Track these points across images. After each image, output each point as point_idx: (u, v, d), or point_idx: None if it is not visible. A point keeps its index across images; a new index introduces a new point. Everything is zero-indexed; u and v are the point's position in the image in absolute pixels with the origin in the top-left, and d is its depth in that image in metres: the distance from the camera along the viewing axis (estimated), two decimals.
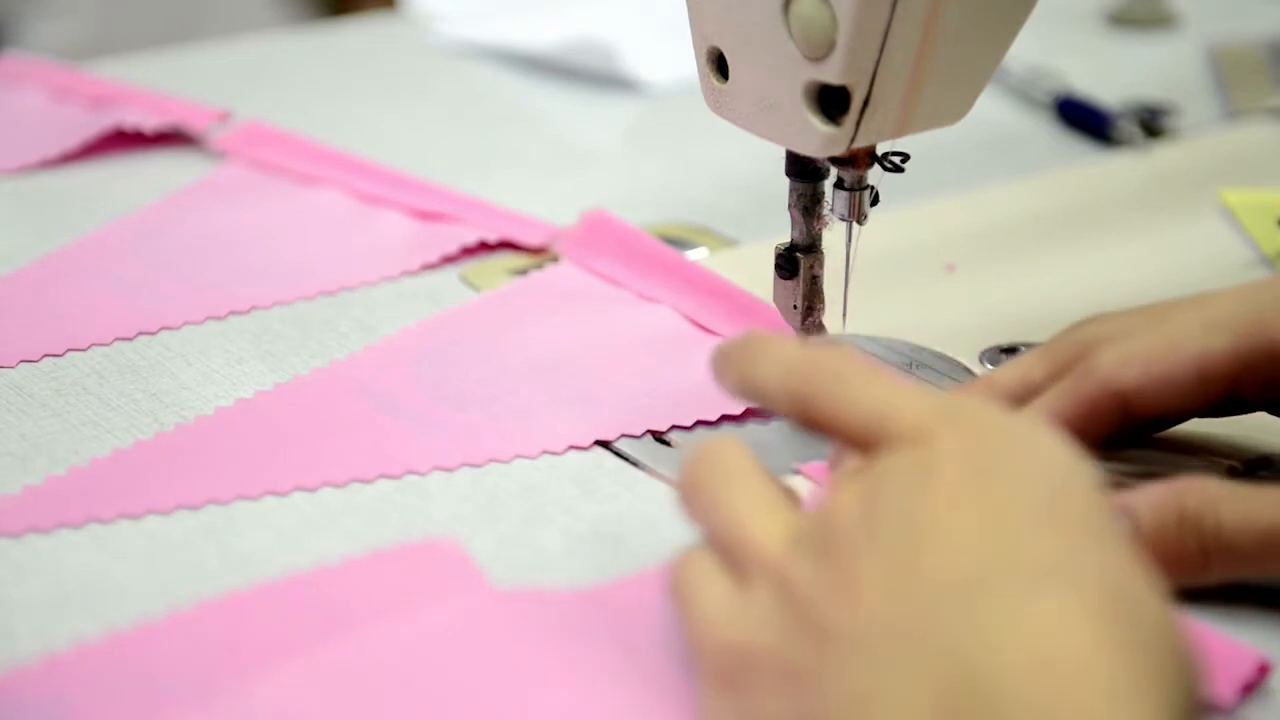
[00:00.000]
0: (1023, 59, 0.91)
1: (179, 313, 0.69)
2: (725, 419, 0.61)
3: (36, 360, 0.66)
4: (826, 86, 0.57)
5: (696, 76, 0.61)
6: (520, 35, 1.00)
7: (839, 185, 0.60)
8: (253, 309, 0.70)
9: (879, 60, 0.55)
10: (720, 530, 0.47)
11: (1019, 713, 0.39)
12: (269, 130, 0.85)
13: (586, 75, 0.96)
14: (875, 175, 0.60)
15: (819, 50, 0.56)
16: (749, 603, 0.45)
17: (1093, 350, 0.56)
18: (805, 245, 0.62)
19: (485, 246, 0.75)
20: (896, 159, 0.60)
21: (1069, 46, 1.00)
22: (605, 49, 0.95)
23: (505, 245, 0.75)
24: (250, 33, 1.00)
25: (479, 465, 0.59)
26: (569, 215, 0.76)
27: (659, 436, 0.61)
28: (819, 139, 0.57)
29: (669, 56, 0.94)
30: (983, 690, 0.40)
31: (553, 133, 0.93)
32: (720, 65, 0.60)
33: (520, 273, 0.73)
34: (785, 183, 0.62)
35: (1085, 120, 0.89)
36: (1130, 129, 0.87)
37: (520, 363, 0.65)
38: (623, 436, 0.61)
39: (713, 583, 0.47)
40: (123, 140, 0.86)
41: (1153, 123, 0.88)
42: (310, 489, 0.58)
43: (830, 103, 0.57)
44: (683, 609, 0.47)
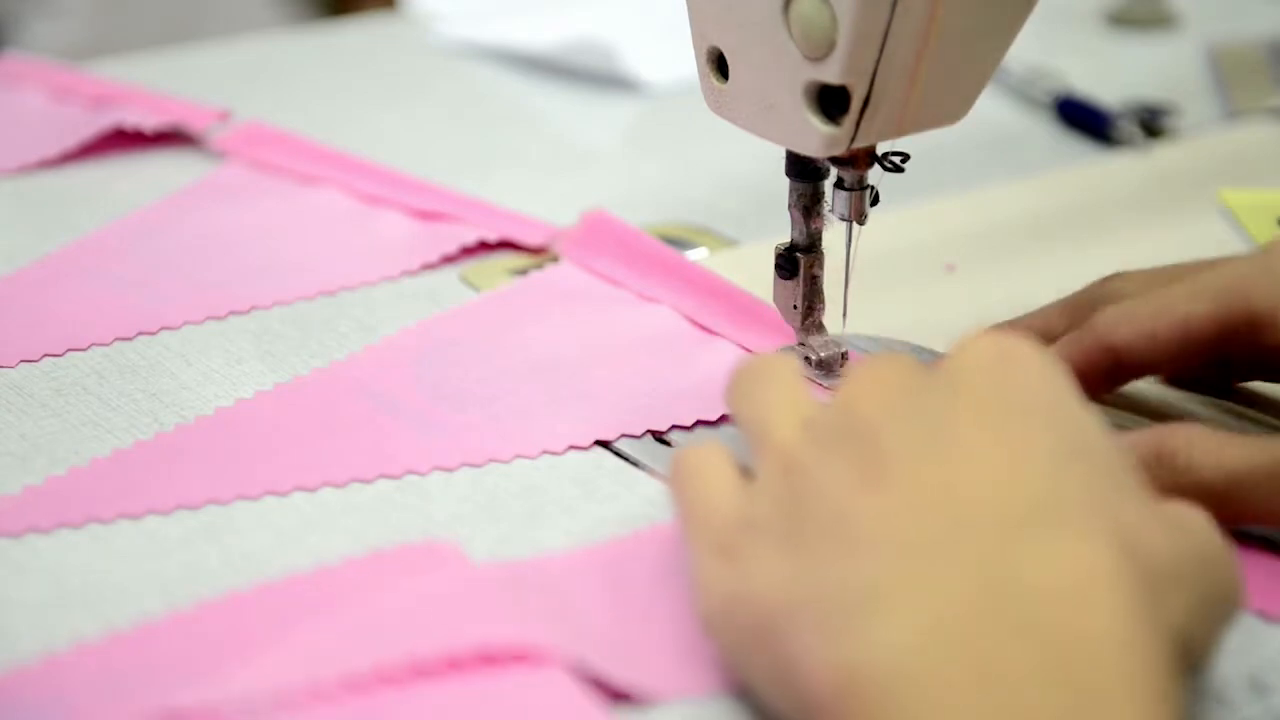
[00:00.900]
0: (1023, 59, 0.91)
1: (178, 312, 0.69)
2: (725, 419, 0.61)
3: (36, 360, 0.66)
4: (826, 86, 0.57)
5: (696, 76, 0.61)
6: (520, 35, 1.00)
7: (839, 185, 0.60)
8: (253, 309, 0.70)
9: (879, 60, 0.55)
10: (747, 420, 0.50)
11: (1043, 625, 0.42)
12: (269, 130, 0.85)
13: (586, 75, 0.96)
14: (875, 175, 0.60)
15: (819, 50, 0.56)
16: (756, 482, 0.48)
17: (1101, 306, 0.59)
18: (805, 245, 0.62)
19: (485, 246, 0.75)
20: (896, 159, 0.60)
21: (1069, 46, 1.00)
22: (605, 49, 0.95)
23: (505, 245, 0.75)
24: (250, 33, 0.99)
25: (479, 465, 0.59)
26: (569, 215, 0.76)
27: (659, 436, 0.61)
28: (819, 139, 0.57)
29: (669, 56, 0.94)
30: (1009, 600, 0.42)
31: (553, 133, 0.93)
32: (720, 65, 0.60)
33: (520, 273, 0.73)
34: (785, 183, 0.62)
35: (1085, 120, 0.89)
36: (1130, 129, 0.87)
37: (520, 362, 0.65)
38: (623, 436, 0.61)
39: (720, 465, 0.50)
40: (123, 140, 0.86)
41: (1153, 123, 0.88)
42: (310, 489, 0.58)
43: (830, 103, 0.57)
44: (685, 488, 0.50)
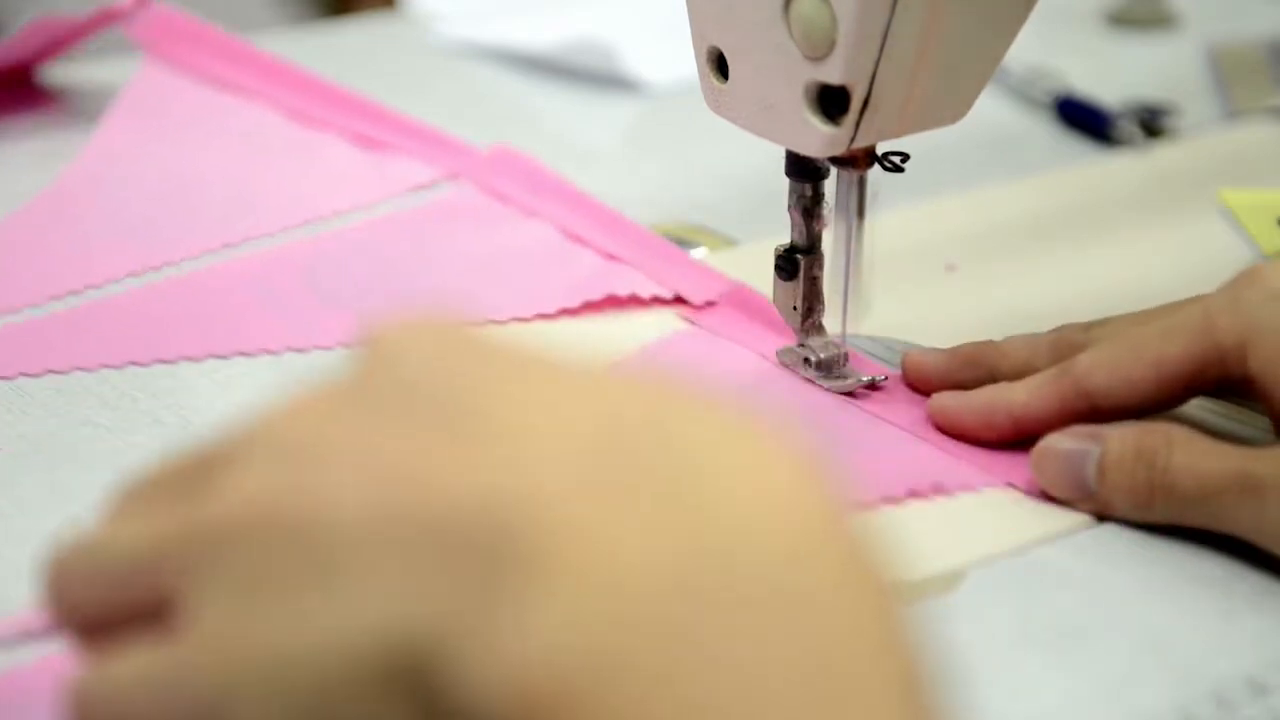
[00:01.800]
0: (1023, 59, 0.91)
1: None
2: (593, 306, 0.69)
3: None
4: (826, 86, 0.57)
5: (696, 76, 0.61)
6: (520, 35, 1.00)
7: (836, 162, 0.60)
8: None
9: (879, 60, 0.55)
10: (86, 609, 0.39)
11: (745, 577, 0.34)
12: (184, 22, 0.90)
13: (586, 75, 0.96)
14: (875, 175, 0.60)
15: (819, 50, 0.56)
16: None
17: (1079, 350, 0.59)
18: (805, 246, 0.62)
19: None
20: (896, 159, 0.60)
21: (1069, 46, 1.00)
22: (605, 49, 0.95)
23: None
24: (250, 33, 0.99)
25: (328, 348, 0.66)
26: None
27: None
28: (819, 139, 0.57)
29: (669, 56, 0.94)
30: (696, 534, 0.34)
31: (553, 133, 0.93)
32: (720, 65, 0.60)
33: None
34: (785, 183, 0.62)
35: (1085, 120, 0.89)
36: (1130, 129, 0.87)
37: (398, 267, 0.72)
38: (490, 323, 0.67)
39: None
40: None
41: (1153, 123, 0.88)
42: (197, 358, 0.65)
43: (830, 103, 0.57)
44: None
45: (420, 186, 0.81)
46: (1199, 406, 0.60)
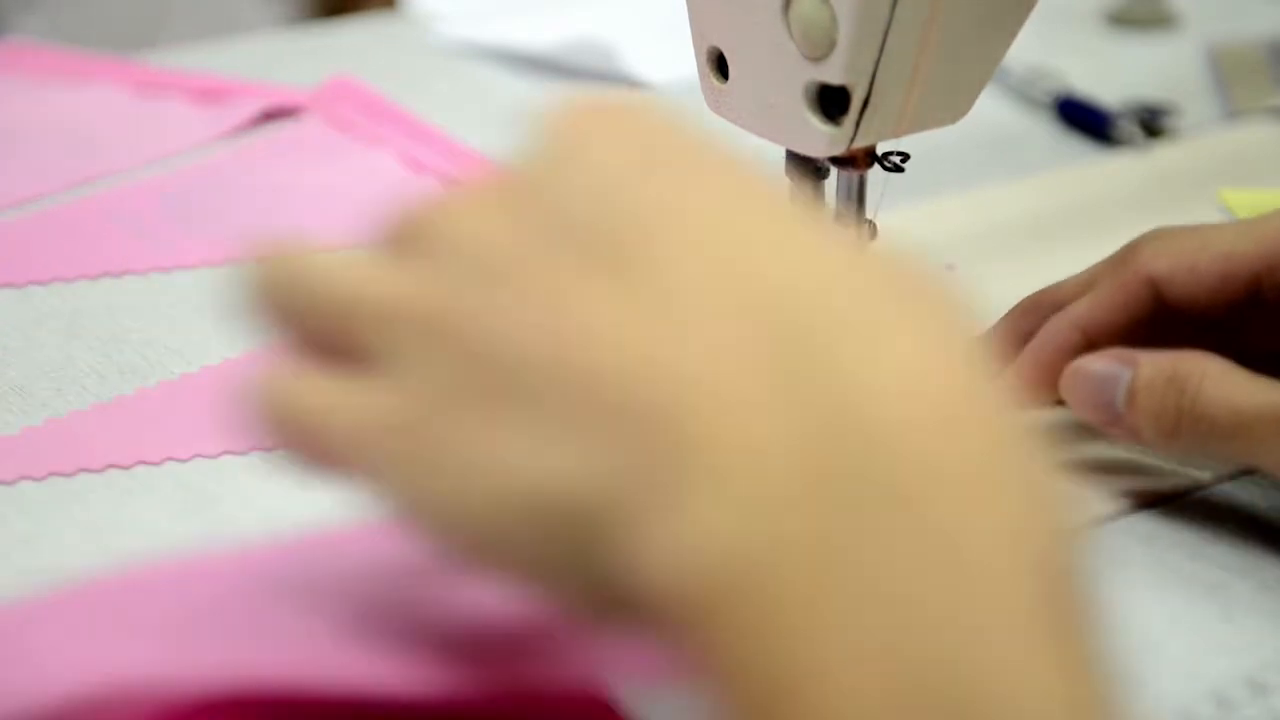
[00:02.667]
0: (1023, 59, 0.91)
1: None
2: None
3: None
4: (826, 86, 0.57)
5: (696, 76, 0.61)
6: (520, 35, 1.00)
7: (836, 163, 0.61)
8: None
9: (879, 60, 0.55)
10: (314, 319, 0.39)
11: (891, 455, 0.35)
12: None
13: (586, 75, 0.96)
14: (876, 175, 0.60)
15: (819, 50, 0.56)
16: (393, 374, 0.38)
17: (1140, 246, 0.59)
18: None
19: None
20: (896, 159, 0.60)
21: (1069, 46, 1.00)
22: (605, 49, 0.95)
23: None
24: (249, 32, 0.99)
25: (189, 267, 0.70)
26: None
27: None
28: (819, 139, 0.57)
29: (669, 56, 0.94)
30: (849, 430, 0.35)
31: None
32: (720, 65, 0.60)
33: None
34: (785, 183, 0.62)
35: (1085, 120, 0.89)
36: (1130, 129, 0.87)
37: (251, 195, 0.76)
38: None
39: (332, 388, 0.39)
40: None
41: (1153, 123, 0.88)
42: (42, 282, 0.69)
43: (830, 103, 0.57)
44: (311, 435, 0.39)
45: (265, 121, 0.88)
46: None
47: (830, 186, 0.61)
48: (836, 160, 0.60)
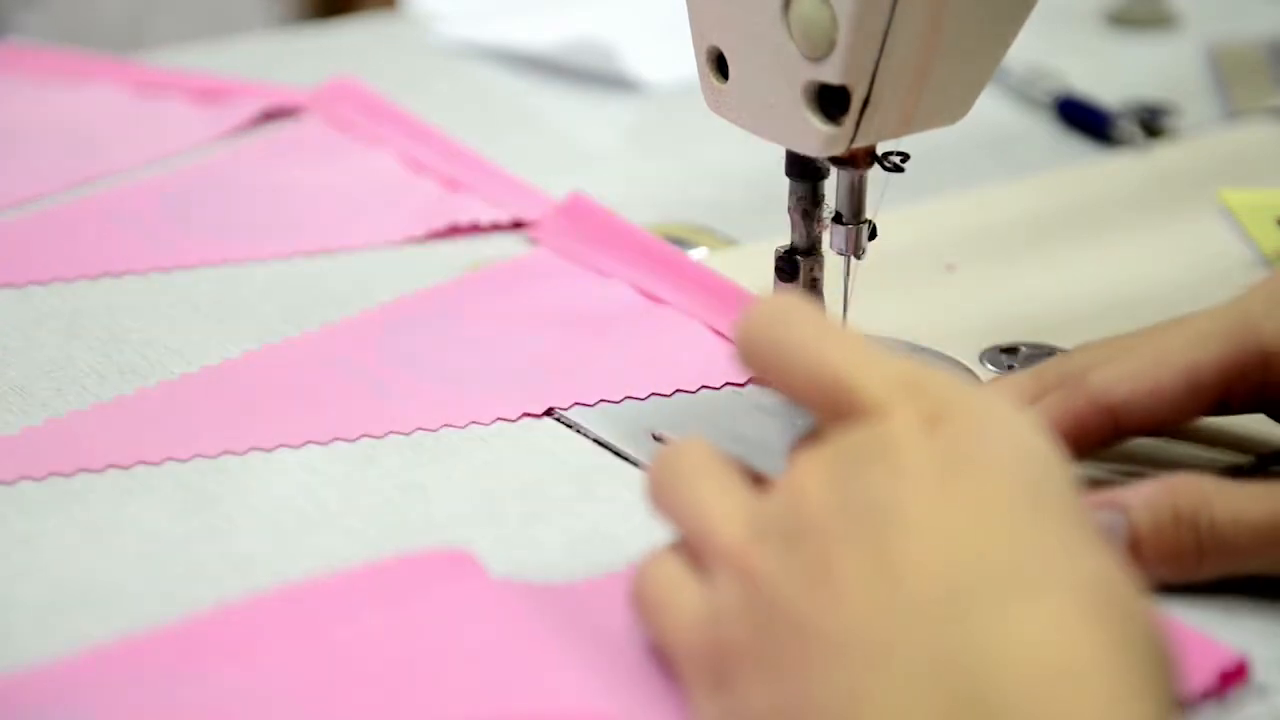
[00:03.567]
0: (1023, 59, 0.91)
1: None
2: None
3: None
4: (826, 86, 0.57)
5: (696, 76, 0.61)
6: (520, 35, 1.00)
7: (837, 220, 0.61)
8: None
9: (879, 60, 0.55)
10: (685, 524, 0.48)
11: (1019, 711, 0.39)
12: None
13: (586, 75, 0.96)
14: (876, 175, 0.60)
15: (819, 50, 0.56)
16: (716, 598, 0.45)
17: (1085, 372, 0.56)
18: (805, 248, 0.62)
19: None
20: (896, 159, 0.60)
21: (1069, 46, 1.00)
22: (605, 49, 0.95)
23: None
24: (249, 32, 0.99)
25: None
26: None
27: (659, 437, 0.61)
28: (819, 139, 0.57)
29: (669, 56, 0.94)
30: (983, 700, 0.40)
31: (553, 133, 0.93)
32: (720, 65, 0.60)
33: None
34: (785, 183, 0.62)
35: (1085, 120, 0.89)
36: (1130, 129, 0.87)
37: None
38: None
39: (680, 584, 0.47)
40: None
41: (1153, 123, 0.88)
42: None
43: (830, 103, 0.57)
44: (652, 615, 0.48)
45: (265, 121, 0.87)
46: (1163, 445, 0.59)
47: (830, 186, 0.61)
48: (836, 160, 0.60)
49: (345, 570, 0.52)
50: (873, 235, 0.61)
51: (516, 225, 0.77)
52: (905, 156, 0.60)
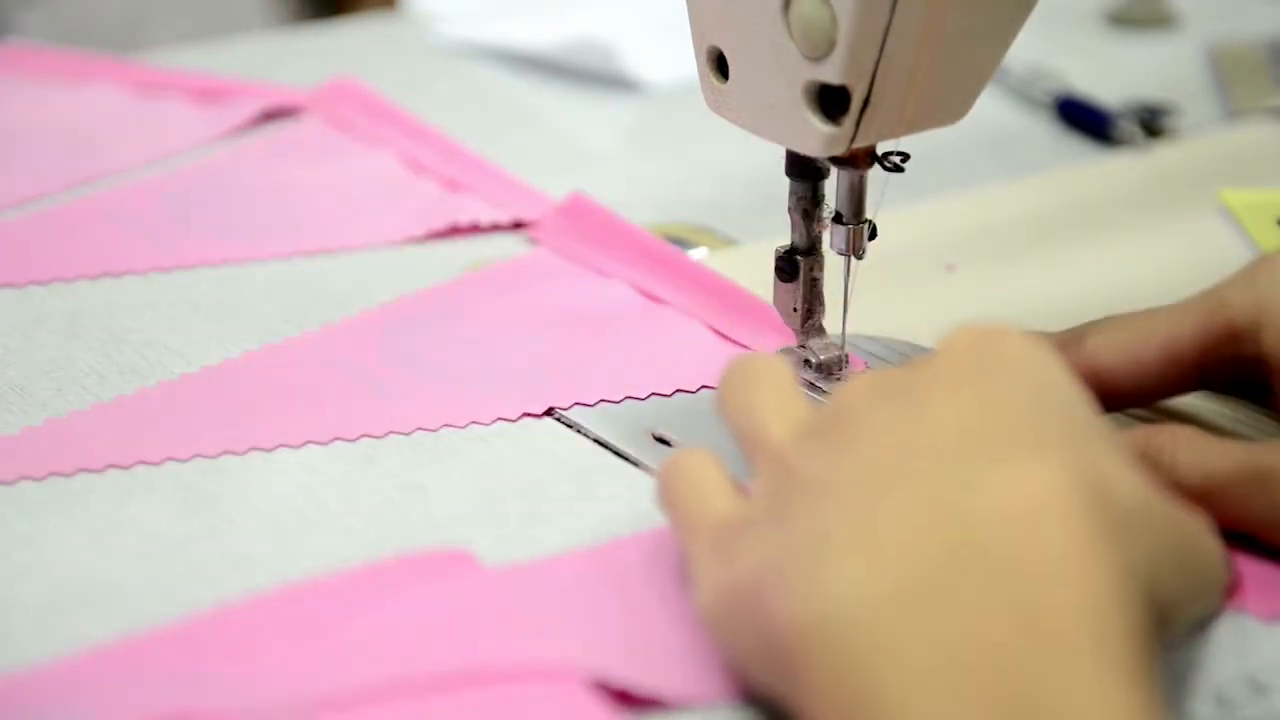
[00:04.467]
0: (1023, 59, 0.91)
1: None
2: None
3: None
4: (826, 86, 0.57)
5: (696, 76, 0.61)
6: (520, 35, 1.00)
7: (837, 220, 0.61)
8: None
9: (879, 60, 0.55)
10: (741, 426, 0.51)
11: (995, 551, 0.42)
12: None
13: (586, 75, 0.96)
14: (876, 175, 0.60)
15: (819, 50, 0.56)
16: (755, 486, 0.49)
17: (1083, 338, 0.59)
18: (805, 248, 0.62)
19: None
20: (896, 159, 0.60)
21: (1069, 46, 1.00)
22: (605, 49, 0.95)
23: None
24: (249, 32, 1.00)
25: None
26: None
27: (659, 438, 0.61)
28: (819, 139, 0.57)
29: (669, 56, 0.94)
30: (960, 528, 0.43)
31: (553, 133, 0.93)
32: (720, 65, 0.60)
33: None
34: (786, 183, 0.62)
35: (1085, 120, 0.89)
36: (1130, 129, 0.87)
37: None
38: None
39: (713, 471, 0.51)
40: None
41: (1153, 123, 0.88)
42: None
43: (830, 103, 0.57)
44: (680, 493, 0.51)
45: (265, 121, 0.88)
46: (1206, 409, 0.60)
47: (830, 186, 0.61)
48: (836, 160, 0.60)
49: (345, 570, 0.52)
50: (873, 235, 0.61)
51: (517, 225, 0.77)
52: (905, 156, 0.60)
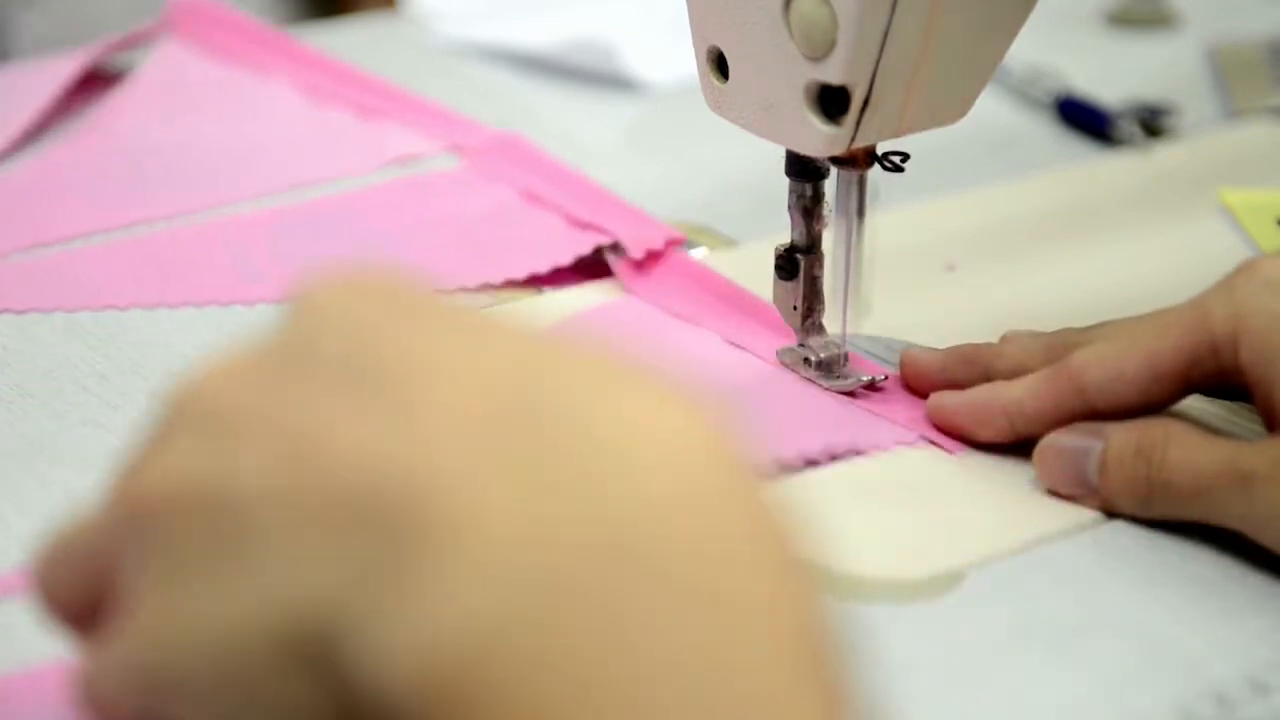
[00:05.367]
0: (1023, 59, 0.91)
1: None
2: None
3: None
4: (826, 86, 0.57)
5: (696, 76, 0.61)
6: (520, 35, 1.00)
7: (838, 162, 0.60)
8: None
9: (879, 60, 0.55)
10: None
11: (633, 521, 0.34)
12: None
13: (586, 75, 0.96)
14: (876, 175, 0.60)
15: (819, 50, 0.56)
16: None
17: (1073, 350, 0.59)
18: (805, 246, 0.62)
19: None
20: (896, 159, 0.60)
21: (1069, 46, 1.00)
22: (605, 49, 0.95)
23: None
24: None
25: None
26: None
27: None
28: (819, 139, 0.57)
29: (669, 56, 0.94)
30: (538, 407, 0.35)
31: (553, 133, 0.93)
32: (720, 65, 0.60)
33: None
34: (785, 183, 0.62)
35: (1085, 120, 0.89)
36: (1130, 129, 0.87)
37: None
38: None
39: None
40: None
41: (1153, 123, 0.88)
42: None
43: (830, 103, 0.57)
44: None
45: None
46: (1201, 410, 0.60)
47: (830, 186, 0.61)
48: (836, 160, 0.60)
49: None
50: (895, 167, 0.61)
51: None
52: (905, 156, 0.60)
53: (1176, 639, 0.51)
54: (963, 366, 0.62)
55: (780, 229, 0.63)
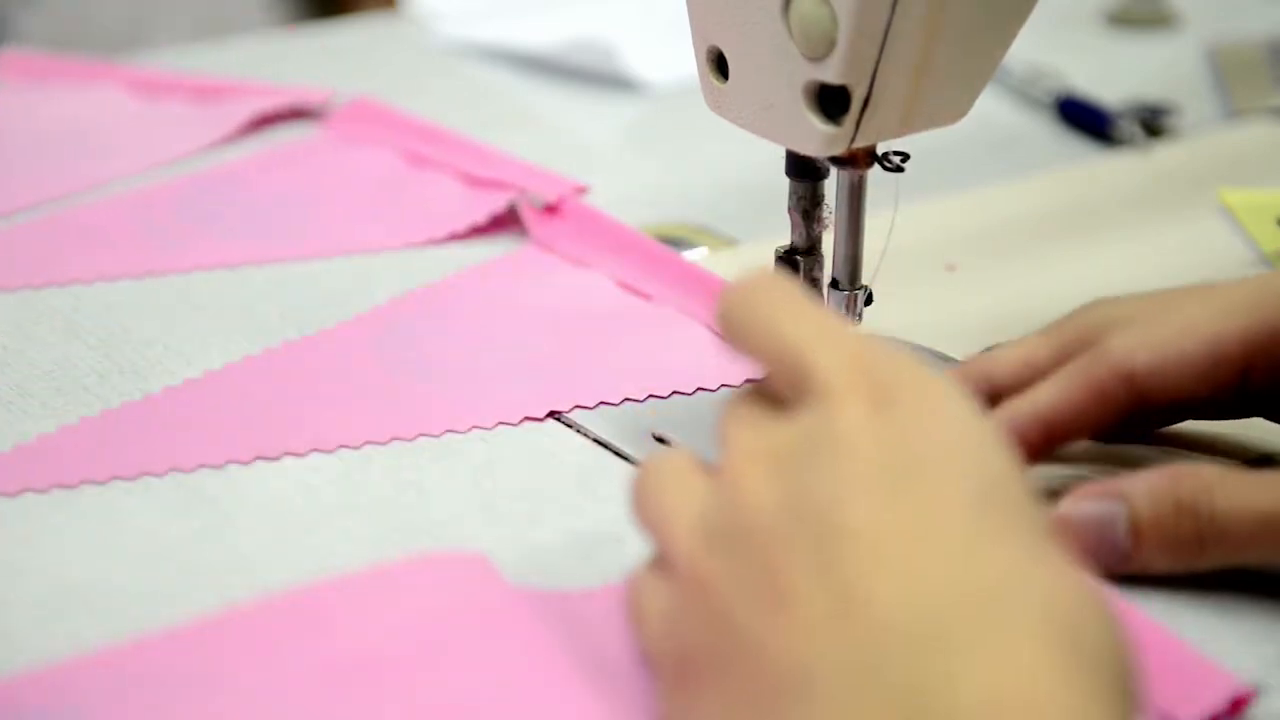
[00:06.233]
0: (1023, 59, 0.91)
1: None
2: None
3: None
4: (826, 86, 0.57)
5: (696, 76, 0.61)
6: (520, 35, 1.00)
7: (834, 286, 0.61)
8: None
9: (879, 60, 0.55)
10: (653, 535, 0.47)
11: None
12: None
13: (586, 75, 0.96)
14: (876, 175, 0.60)
15: (819, 50, 0.56)
16: (676, 606, 0.45)
17: (1104, 334, 0.56)
18: (805, 248, 0.62)
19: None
20: (896, 159, 0.60)
21: (1069, 46, 1.00)
22: (605, 49, 0.95)
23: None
24: (249, 32, 1.00)
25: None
26: None
27: (659, 437, 0.61)
28: (819, 139, 0.57)
29: (669, 56, 0.94)
30: None
31: (553, 132, 0.93)
32: (720, 65, 0.60)
33: None
34: (785, 182, 0.62)
35: (1085, 120, 0.89)
36: (1130, 129, 0.87)
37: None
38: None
39: (654, 592, 0.46)
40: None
41: (1153, 122, 0.88)
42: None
43: (830, 102, 0.57)
44: (633, 623, 0.47)
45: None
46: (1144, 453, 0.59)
47: (830, 186, 0.61)
48: (836, 160, 0.60)
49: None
50: (869, 301, 0.61)
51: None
52: (905, 156, 0.60)
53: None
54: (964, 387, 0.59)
55: (780, 229, 0.63)
